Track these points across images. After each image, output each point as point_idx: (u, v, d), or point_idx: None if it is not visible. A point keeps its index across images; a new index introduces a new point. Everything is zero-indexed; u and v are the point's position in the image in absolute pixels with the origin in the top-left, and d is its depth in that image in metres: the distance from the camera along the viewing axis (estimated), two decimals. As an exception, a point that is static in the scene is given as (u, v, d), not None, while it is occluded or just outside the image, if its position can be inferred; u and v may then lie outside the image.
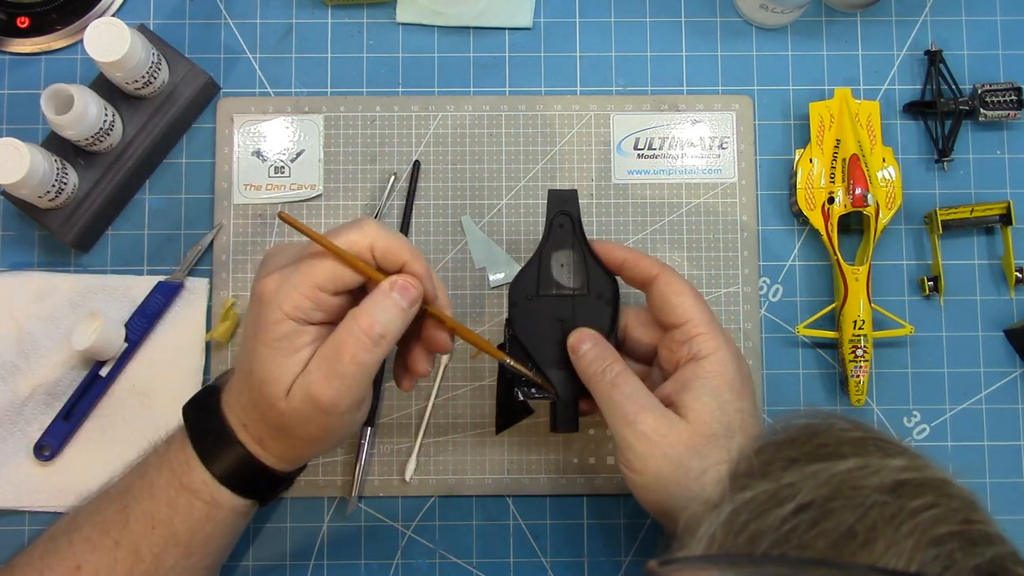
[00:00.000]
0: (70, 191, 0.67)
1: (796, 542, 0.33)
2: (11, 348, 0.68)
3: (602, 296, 0.61)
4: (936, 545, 0.32)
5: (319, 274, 0.52)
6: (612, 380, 0.57)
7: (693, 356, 0.57)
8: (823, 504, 0.33)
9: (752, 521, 0.34)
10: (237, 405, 0.55)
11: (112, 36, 0.63)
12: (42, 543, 0.57)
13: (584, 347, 0.59)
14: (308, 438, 0.54)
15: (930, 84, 0.72)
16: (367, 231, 0.53)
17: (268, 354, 0.52)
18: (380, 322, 0.51)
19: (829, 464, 0.35)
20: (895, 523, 0.32)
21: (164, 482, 0.56)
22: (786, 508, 0.34)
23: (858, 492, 0.34)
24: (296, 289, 0.52)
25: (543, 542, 0.69)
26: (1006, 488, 0.70)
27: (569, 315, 0.61)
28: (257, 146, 0.71)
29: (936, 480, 0.35)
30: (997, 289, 0.72)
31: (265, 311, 0.52)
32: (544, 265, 0.61)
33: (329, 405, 0.52)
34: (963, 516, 0.34)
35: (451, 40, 0.73)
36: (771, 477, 0.35)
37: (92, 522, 0.57)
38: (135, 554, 0.55)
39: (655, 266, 0.59)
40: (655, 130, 0.72)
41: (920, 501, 0.33)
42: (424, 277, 0.54)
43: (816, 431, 0.38)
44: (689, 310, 0.57)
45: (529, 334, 0.61)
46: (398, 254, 0.53)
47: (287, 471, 0.58)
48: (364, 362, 0.51)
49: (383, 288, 0.52)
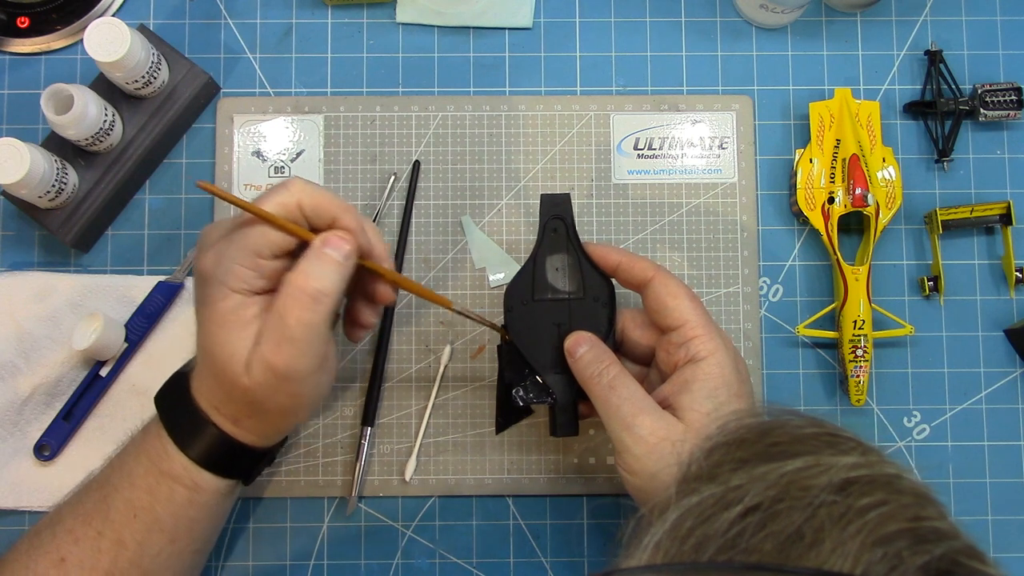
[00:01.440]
0: (70, 191, 0.67)
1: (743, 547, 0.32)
2: (11, 348, 0.68)
3: (598, 299, 0.61)
4: (883, 544, 0.31)
5: (252, 241, 0.52)
6: (609, 383, 0.56)
7: (691, 358, 0.57)
8: (771, 506, 0.33)
9: (698, 527, 0.33)
10: (205, 389, 0.55)
11: (112, 36, 0.63)
12: (27, 538, 0.57)
13: (581, 350, 0.58)
14: (279, 410, 0.54)
15: (930, 84, 0.72)
16: (293, 190, 0.53)
17: (220, 332, 0.52)
18: (316, 277, 0.51)
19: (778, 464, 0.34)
20: (842, 523, 0.32)
21: (143, 470, 0.56)
22: (733, 511, 0.33)
23: (806, 492, 0.33)
24: (234, 261, 0.52)
25: (543, 542, 0.69)
26: (1006, 488, 0.70)
27: (565, 319, 0.61)
28: (257, 146, 0.71)
29: (886, 476, 0.34)
30: (997, 289, 0.72)
31: (208, 289, 0.52)
32: (539, 269, 0.61)
33: (286, 371, 0.51)
34: (913, 513, 0.33)
35: (451, 40, 0.73)
36: (719, 480, 0.35)
37: (74, 514, 0.57)
38: (118, 543, 0.55)
39: (650, 268, 0.59)
40: (655, 130, 0.72)
41: (869, 499, 0.33)
42: (356, 230, 0.53)
43: (768, 430, 0.37)
44: (685, 312, 0.57)
45: (526, 339, 0.61)
46: (327, 209, 0.53)
47: (266, 447, 0.58)
48: (309, 322, 0.51)
49: (315, 246, 0.52)
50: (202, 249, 0.54)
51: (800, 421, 0.37)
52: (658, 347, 0.60)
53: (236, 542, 0.68)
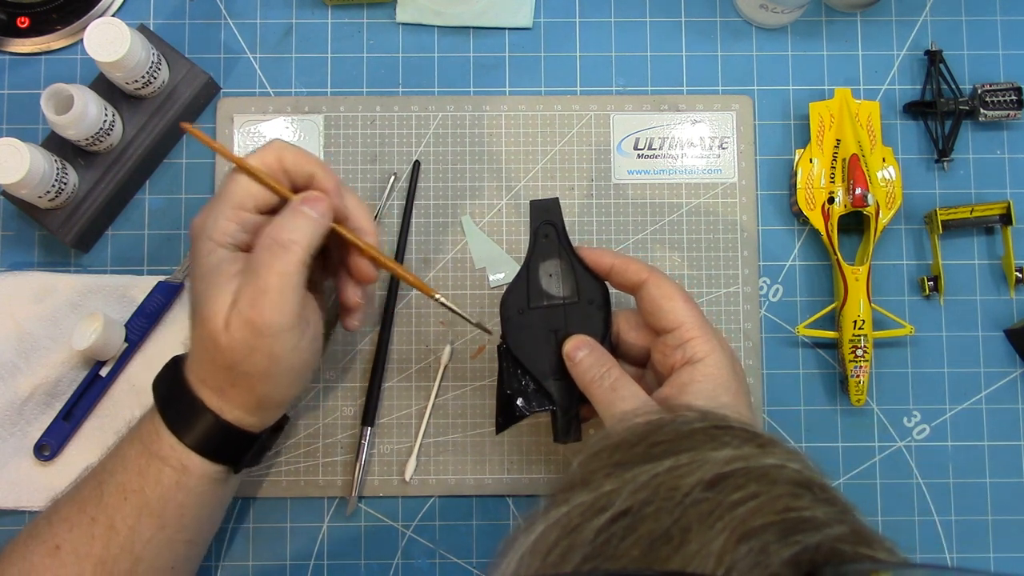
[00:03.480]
0: (70, 191, 0.67)
1: (609, 554, 0.31)
2: (11, 348, 0.68)
3: (593, 302, 0.61)
4: (748, 540, 0.30)
5: (236, 194, 0.54)
6: (611, 385, 0.56)
7: (688, 360, 0.56)
8: (639, 509, 0.31)
9: (564, 538, 0.32)
10: (193, 359, 0.56)
11: (112, 36, 0.63)
12: (26, 529, 0.58)
13: (580, 353, 0.58)
14: (258, 373, 0.54)
15: (930, 84, 0.72)
16: (275, 146, 0.56)
17: (203, 287, 0.54)
18: (288, 229, 0.53)
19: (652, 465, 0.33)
20: (710, 521, 0.30)
21: (135, 453, 0.56)
22: (602, 519, 0.31)
23: (676, 492, 0.31)
24: (220, 215, 0.54)
25: (543, 542, 0.69)
26: (1006, 488, 0.70)
27: (562, 324, 0.60)
28: (257, 146, 0.71)
29: (763, 468, 0.33)
30: (997, 289, 0.72)
31: (197, 245, 0.55)
32: (532, 277, 0.61)
33: (263, 325, 0.52)
34: (784, 504, 0.31)
35: (451, 40, 0.73)
36: (591, 487, 0.33)
37: (70, 502, 0.57)
38: (110, 528, 0.56)
39: (643, 270, 0.59)
40: (655, 130, 0.72)
41: (740, 493, 0.31)
42: (332, 191, 0.56)
43: (652, 429, 0.35)
44: (681, 314, 0.57)
45: (524, 347, 0.60)
46: (305, 166, 0.56)
47: (256, 429, 0.58)
48: (281, 271, 0.52)
49: (292, 203, 0.54)
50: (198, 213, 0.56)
51: (690, 416, 0.36)
52: (654, 349, 0.59)
53: (236, 542, 0.68)
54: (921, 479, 0.70)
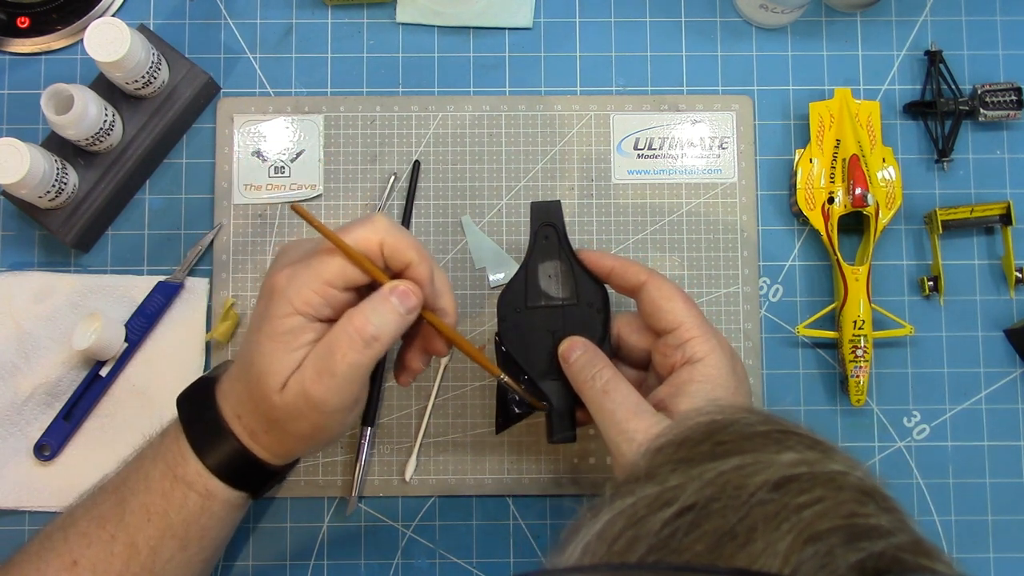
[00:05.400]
0: (70, 191, 0.67)
1: (674, 547, 0.31)
2: (11, 348, 0.68)
3: (592, 305, 0.61)
4: (814, 542, 0.30)
5: (329, 271, 0.52)
6: (603, 387, 0.56)
7: (687, 360, 0.56)
8: (705, 505, 0.32)
9: (629, 528, 0.32)
10: (233, 395, 0.56)
11: (112, 36, 0.63)
12: (39, 540, 0.57)
13: (574, 354, 0.58)
14: (299, 434, 0.55)
15: (930, 84, 0.72)
16: (378, 228, 0.53)
17: (271, 347, 0.52)
18: (374, 324, 0.51)
19: (718, 463, 0.33)
20: (776, 522, 0.31)
21: (159, 474, 0.56)
22: (667, 512, 0.32)
23: (742, 491, 0.32)
24: (306, 285, 0.52)
25: (543, 542, 0.69)
26: (1006, 488, 0.70)
27: (560, 325, 0.60)
28: (257, 146, 0.71)
29: (828, 474, 0.33)
30: (997, 289, 0.72)
31: (274, 304, 0.53)
32: (531, 277, 0.61)
33: (319, 402, 0.52)
34: (849, 509, 0.32)
35: (451, 40, 0.73)
36: (656, 480, 0.34)
37: (88, 516, 0.57)
38: (132, 547, 0.55)
39: (643, 272, 0.59)
40: (655, 130, 0.72)
41: (806, 497, 0.32)
42: (425, 281, 0.54)
43: (716, 428, 0.36)
44: (680, 314, 0.57)
45: (520, 347, 0.60)
46: (404, 253, 0.53)
47: (278, 466, 0.58)
48: (354, 362, 0.51)
49: (383, 292, 0.52)
50: (278, 264, 0.54)
51: (753, 418, 0.36)
52: (654, 351, 0.59)
53: (236, 542, 0.68)
54: (921, 479, 0.70)
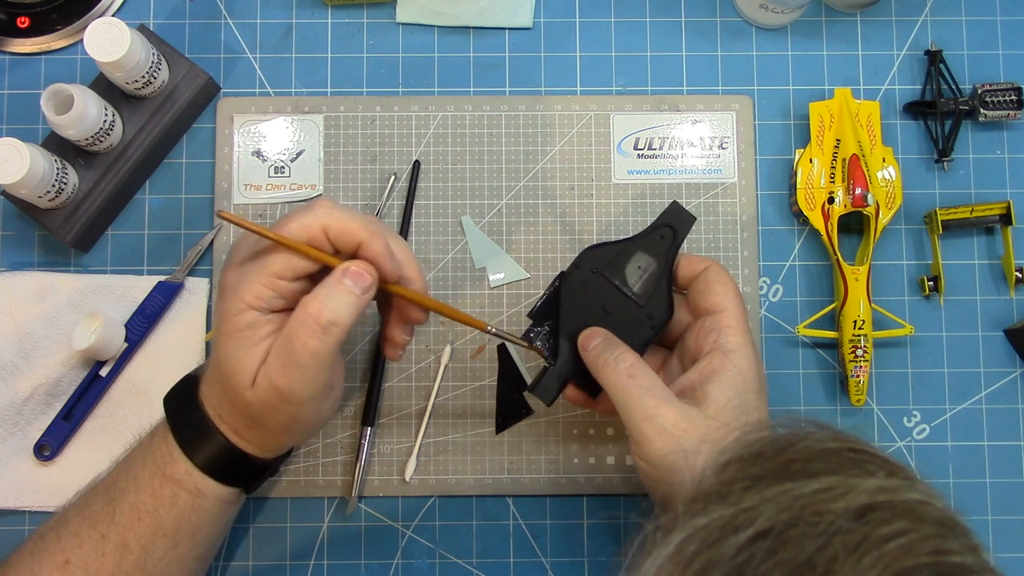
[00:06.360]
0: (70, 191, 0.67)
1: (750, 574, 0.30)
2: (11, 348, 0.68)
3: (652, 317, 0.60)
4: None
5: (275, 264, 0.52)
6: (627, 370, 0.56)
7: (719, 347, 0.56)
8: (783, 531, 0.31)
9: (704, 551, 0.32)
10: (212, 395, 0.56)
11: (112, 36, 0.63)
12: (32, 541, 0.58)
13: (593, 342, 0.58)
14: (279, 427, 0.55)
15: (930, 84, 0.72)
16: (319, 213, 0.52)
17: (232, 344, 0.52)
18: (330, 308, 0.50)
19: (794, 485, 0.32)
20: (858, 554, 0.30)
21: (148, 474, 0.56)
22: (742, 536, 0.31)
23: (821, 518, 0.31)
24: (255, 280, 0.52)
25: (543, 542, 0.69)
26: (1006, 488, 0.70)
27: (613, 310, 0.60)
28: (257, 146, 0.71)
29: (909, 503, 0.32)
30: (997, 289, 0.72)
31: (227, 302, 0.53)
32: (624, 257, 0.61)
33: (289, 394, 0.52)
34: (934, 545, 0.31)
35: (451, 40, 0.73)
36: (730, 499, 0.33)
37: (80, 517, 0.57)
38: (123, 546, 0.55)
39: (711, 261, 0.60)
40: (655, 130, 0.72)
41: (888, 528, 0.31)
42: (381, 257, 0.53)
43: (786, 444, 0.35)
44: (727, 301, 0.57)
45: (569, 298, 0.60)
46: (352, 234, 0.52)
47: (269, 459, 0.58)
48: (316, 350, 0.51)
49: (335, 275, 0.52)
50: (229, 260, 0.54)
51: (822, 435, 0.35)
52: (688, 331, 0.60)
53: (236, 542, 0.68)
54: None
